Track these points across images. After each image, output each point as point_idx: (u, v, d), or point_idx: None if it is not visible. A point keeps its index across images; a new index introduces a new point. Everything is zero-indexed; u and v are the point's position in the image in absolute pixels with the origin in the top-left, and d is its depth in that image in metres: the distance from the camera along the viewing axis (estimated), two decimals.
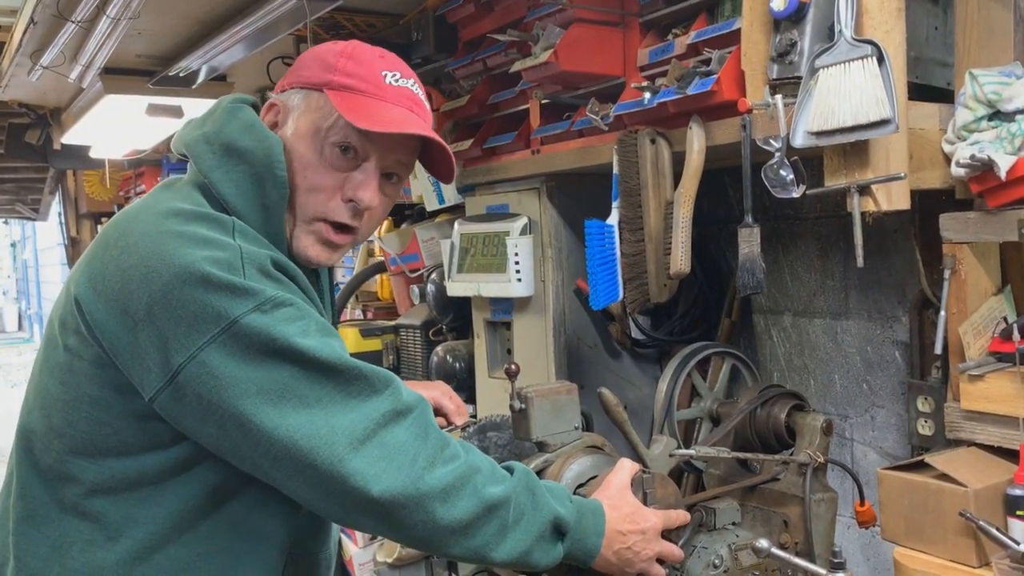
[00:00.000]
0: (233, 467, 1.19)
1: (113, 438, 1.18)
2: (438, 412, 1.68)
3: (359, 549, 3.30)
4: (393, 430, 1.18)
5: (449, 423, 1.68)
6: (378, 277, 3.80)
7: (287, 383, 1.13)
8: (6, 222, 20.50)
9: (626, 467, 1.47)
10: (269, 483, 1.18)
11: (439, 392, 1.69)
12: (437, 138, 1.34)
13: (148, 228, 1.18)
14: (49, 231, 14.95)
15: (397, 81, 1.33)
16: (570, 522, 1.32)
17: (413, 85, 1.35)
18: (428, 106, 1.38)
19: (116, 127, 4.00)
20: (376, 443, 1.15)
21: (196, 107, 3.63)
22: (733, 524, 1.65)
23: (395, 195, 1.40)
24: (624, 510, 1.39)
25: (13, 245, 24.26)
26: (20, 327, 23.61)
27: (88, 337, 1.16)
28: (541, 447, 1.60)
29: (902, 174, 1.55)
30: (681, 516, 1.48)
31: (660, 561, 1.43)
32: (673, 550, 1.44)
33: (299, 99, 1.32)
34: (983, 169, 1.58)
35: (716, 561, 1.57)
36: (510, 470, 1.32)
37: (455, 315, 2.91)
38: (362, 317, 4.09)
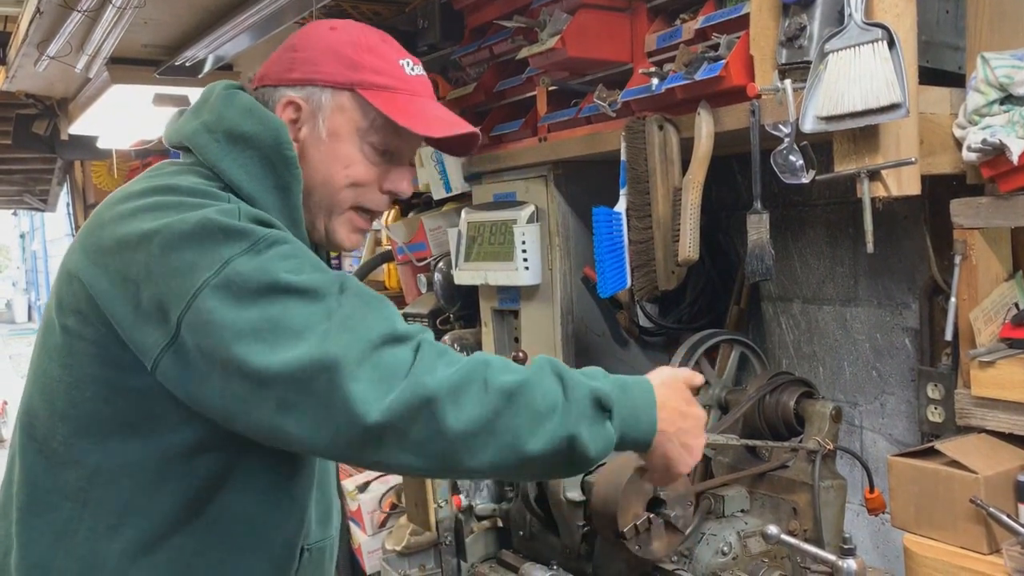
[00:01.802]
0: (236, 456, 1.19)
1: (117, 417, 1.17)
2: None
3: (368, 537, 3.31)
4: (391, 350, 1.09)
5: None
6: (385, 266, 3.80)
7: (279, 318, 1.08)
8: (15, 213, 20.59)
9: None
10: (278, 443, 1.11)
11: None
12: (479, 134, 1.41)
13: (142, 202, 1.17)
14: (58, 222, 15.03)
15: (413, 70, 1.36)
16: (611, 394, 1.16)
17: (421, 69, 1.39)
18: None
19: (123, 117, 4.01)
20: (372, 364, 1.07)
21: None
22: (742, 511, 1.65)
23: None
24: (675, 387, 1.24)
25: (22, 236, 24.39)
26: (30, 318, 23.77)
27: (89, 314, 1.15)
28: None
29: (912, 159, 1.54)
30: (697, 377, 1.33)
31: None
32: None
33: (327, 99, 1.30)
34: (995, 154, 1.57)
35: (725, 548, 1.57)
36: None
37: (462, 304, 2.91)
38: None
